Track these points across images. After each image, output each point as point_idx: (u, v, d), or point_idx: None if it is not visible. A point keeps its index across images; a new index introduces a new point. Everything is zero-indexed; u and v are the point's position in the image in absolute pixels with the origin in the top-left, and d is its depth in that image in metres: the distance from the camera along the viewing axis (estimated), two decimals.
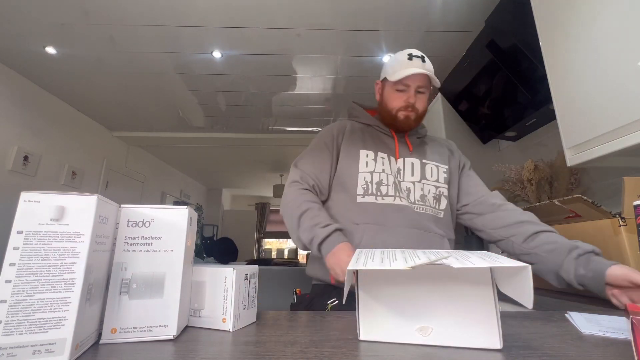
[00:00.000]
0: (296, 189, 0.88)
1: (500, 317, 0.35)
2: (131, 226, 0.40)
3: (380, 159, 0.91)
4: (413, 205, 0.87)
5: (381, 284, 0.39)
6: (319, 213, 0.80)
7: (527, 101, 1.41)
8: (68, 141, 2.80)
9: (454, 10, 1.73)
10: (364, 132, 0.98)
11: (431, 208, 0.89)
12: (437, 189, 0.92)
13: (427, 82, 0.91)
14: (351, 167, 0.90)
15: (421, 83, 0.91)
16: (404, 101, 0.92)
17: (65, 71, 2.29)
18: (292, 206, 0.84)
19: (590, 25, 0.94)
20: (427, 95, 0.94)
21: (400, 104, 0.92)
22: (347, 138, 0.96)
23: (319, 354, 0.33)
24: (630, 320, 0.30)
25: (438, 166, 0.95)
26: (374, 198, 0.86)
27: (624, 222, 0.77)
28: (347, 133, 0.98)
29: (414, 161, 0.93)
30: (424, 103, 0.94)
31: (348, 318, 0.50)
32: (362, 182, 0.88)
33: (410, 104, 0.91)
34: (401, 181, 0.90)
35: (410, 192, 0.89)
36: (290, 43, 2.00)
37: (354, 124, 1.01)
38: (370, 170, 0.89)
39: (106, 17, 1.76)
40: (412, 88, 0.91)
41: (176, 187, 4.97)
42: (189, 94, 2.64)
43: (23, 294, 0.31)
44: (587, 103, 0.94)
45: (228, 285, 0.43)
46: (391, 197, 0.86)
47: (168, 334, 0.38)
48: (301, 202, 0.83)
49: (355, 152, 0.92)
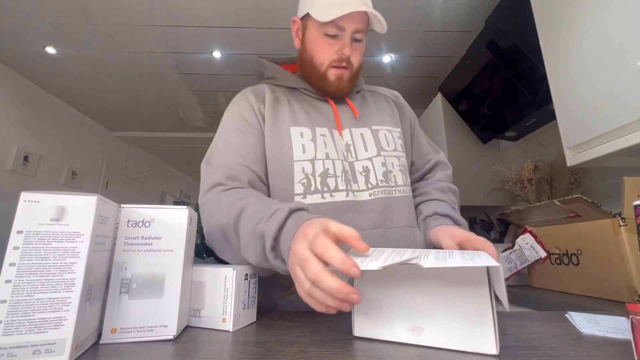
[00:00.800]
0: (219, 192, 0.57)
1: (500, 318, 0.34)
2: (131, 226, 0.40)
3: (321, 138, 0.66)
4: (375, 189, 0.65)
5: (376, 280, 0.39)
6: (257, 206, 0.50)
7: (527, 101, 1.41)
8: (68, 141, 2.80)
9: (454, 10, 1.73)
10: (290, 101, 0.71)
11: (401, 187, 0.68)
12: (399, 159, 0.70)
13: (365, 25, 0.67)
14: (281, 152, 0.64)
15: (360, 25, 0.65)
16: (337, 52, 0.66)
17: (65, 71, 2.29)
18: (218, 218, 0.54)
19: (590, 25, 0.94)
20: (364, 44, 0.70)
21: (332, 56, 0.67)
22: (270, 110, 0.68)
23: (319, 354, 0.33)
24: (630, 320, 0.30)
25: (391, 130, 0.73)
26: (319, 196, 0.62)
27: (624, 222, 0.77)
28: (268, 102, 0.69)
29: (364, 131, 0.70)
30: (360, 56, 0.70)
31: (348, 319, 0.49)
32: (300, 176, 0.63)
33: (345, 57, 0.66)
34: (354, 161, 0.67)
35: (370, 173, 0.66)
36: (290, 43, 1.99)
37: (275, 90, 0.73)
38: (310, 157, 0.64)
39: (106, 17, 1.76)
40: (348, 33, 0.65)
41: (176, 187, 4.96)
42: (189, 94, 2.64)
43: (23, 294, 0.31)
44: (587, 103, 0.94)
45: (228, 285, 0.43)
46: (342, 192, 0.63)
47: (168, 334, 0.38)
48: (230, 204, 0.53)
49: (285, 131, 0.66)
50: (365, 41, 0.71)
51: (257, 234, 0.46)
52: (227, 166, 0.61)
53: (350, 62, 0.68)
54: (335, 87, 0.69)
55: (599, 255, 0.82)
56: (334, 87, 0.69)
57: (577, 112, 0.99)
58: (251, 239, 0.47)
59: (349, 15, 0.63)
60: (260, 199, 0.53)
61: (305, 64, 0.72)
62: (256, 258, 0.47)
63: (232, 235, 0.52)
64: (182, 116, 3.01)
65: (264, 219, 0.46)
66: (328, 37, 0.66)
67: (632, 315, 0.30)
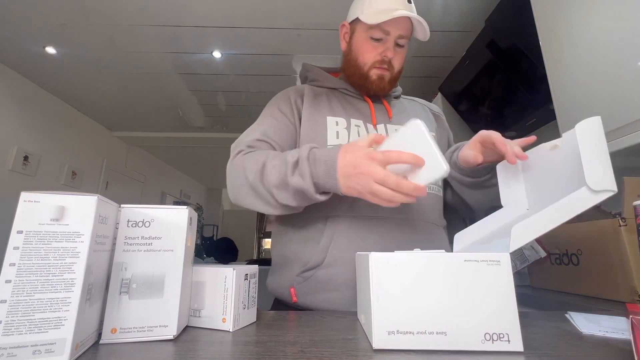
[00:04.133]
0: (245, 153, 0.64)
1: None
2: (131, 226, 0.40)
3: (355, 128, 0.71)
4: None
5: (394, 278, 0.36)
6: (281, 154, 0.59)
7: (527, 101, 1.41)
8: (68, 141, 2.80)
9: (454, 10, 1.73)
10: (329, 97, 0.76)
11: (432, 184, 0.70)
12: None
13: (409, 31, 0.72)
14: (317, 138, 0.69)
15: (404, 32, 0.70)
16: (380, 54, 0.71)
17: (65, 71, 2.29)
18: (244, 171, 0.60)
19: (590, 25, 0.94)
20: (405, 50, 0.75)
21: (375, 57, 0.71)
22: (309, 102, 0.74)
23: (318, 354, 0.33)
24: (630, 320, 0.30)
25: None
26: None
27: (624, 222, 0.77)
28: (308, 97, 0.75)
29: (398, 127, 0.73)
30: (402, 60, 0.75)
31: (348, 318, 0.50)
32: None
33: (387, 60, 0.71)
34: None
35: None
36: (290, 43, 2.00)
37: (315, 89, 0.78)
38: (343, 142, 0.68)
39: (106, 17, 1.76)
40: (392, 38, 0.70)
41: (176, 187, 4.96)
42: (189, 94, 2.64)
43: (23, 294, 0.30)
44: (587, 103, 0.94)
45: (228, 285, 0.43)
46: None
47: (168, 334, 0.38)
48: (256, 158, 0.60)
49: (322, 120, 0.71)
50: (407, 48, 0.76)
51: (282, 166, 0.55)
52: (250, 141, 0.66)
53: (392, 65, 0.73)
54: (376, 85, 0.73)
55: (599, 255, 0.82)
56: (375, 85, 0.73)
57: (577, 112, 0.99)
58: (277, 172, 0.56)
59: (395, 21, 0.68)
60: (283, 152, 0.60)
61: (349, 64, 0.76)
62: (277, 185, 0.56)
63: (255, 182, 0.58)
64: (182, 116, 3.01)
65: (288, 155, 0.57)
66: (373, 40, 0.71)
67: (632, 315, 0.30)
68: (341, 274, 0.61)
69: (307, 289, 0.63)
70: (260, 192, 0.59)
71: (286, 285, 0.65)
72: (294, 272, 0.65)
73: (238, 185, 0.62)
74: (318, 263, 0.62)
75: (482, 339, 0.34)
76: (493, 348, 0.33)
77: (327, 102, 0.75)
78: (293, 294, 0.63)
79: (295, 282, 0.64)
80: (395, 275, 0.36)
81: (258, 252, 6.77)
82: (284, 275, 0.67)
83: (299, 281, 0.64)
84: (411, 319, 0.35)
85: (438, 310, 0.35)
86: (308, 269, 0.63)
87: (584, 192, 0.41)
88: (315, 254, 0.63)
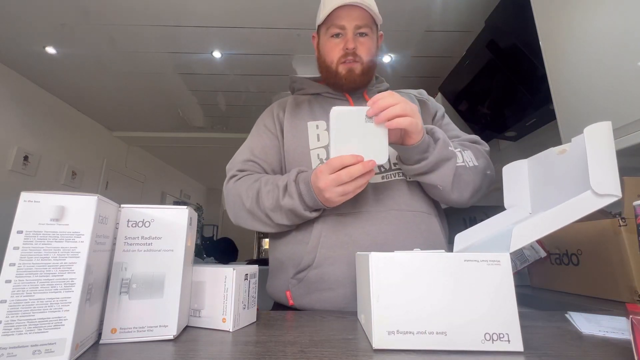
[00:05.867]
0: (238, 178, 0.70)
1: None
2: (131, 226, 0.40)
3: None
4: (388, 173, 0.69)
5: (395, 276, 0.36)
6: (272, 178, 0.66)
7: (527, 101, 1.41)
8: (68, 141, 2.80)
9: (454, 10, 1.73)
10: (311, 103, 0.79)
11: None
12: None
13: (368, 21, 0.73)
14: (299, 145, 0.72)
15: (360, 22, 0.71)
16: (342, 48, 0.72)
17: (65, 71, 2.29)
18: (241, 198, 0.66)
19: (590, 25, 0.94)
20: (372, 38, 0.75)
21: (339, 53, 0.73)
22: (290, 112, 0.77)
23: (318, 354, 0.33)
24: (630, 320, 0.30)
25: None
26: None
27: (624, 222, 0.77)
28: (290, 107, 0.79)
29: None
30: (368, 48, 0.74)
31: (348, 318, 0.49)
32: (317, 162, 0.70)
33: (350, 51, 0.72)
34: None
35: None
36: (290, 43, 2.00)
37: (299, 97, 0.82)
38: (324, 144, 0.71)
39: (106, 17, 1.76)
40: (349, 30, 0.72)
41: (176, 187, 4.96)
42: (189, 94, 2.64)
43: (23, 294, 0.30)
44: (587, 103, 0.94)
45: (228, 285, 0.43)
46: None
47: (168, 334, 0.38)
48: (249, 185, 0.67)
49: (302, 126, 0.74)
50: (375, 36, 0.77)
51: (275, 190, 0.62)
52: (240, 163, 0.74)
53: (358, 55, 0.73)
54: (347, 79, 0.74)
55: (599, 255, 0.82)
56: (346, 79, 0.74)
57: (577, 112, 0.99)
58: (270, 195, 0.63)
59: (347, 14, 0.71)
60: (274, 176, 0.67)
61: (322, 68, 0.79)
62: (274, 207, 0.63)
63: (253, 207, 0.65)
64: (182, 116, 3.02)
65: (279, 180, 0.64)
66: (334, 38, 0.74)
67: (632, 315, 0.30)
68: (332, 273, 0.62)
69: (302, 290, 0.64)
70: (258, 216, 0.65)
71: (282, 289, 0.67)
72: (288, 275, 0.67)
73: (237, 211, 0.68)
74: (309, 264, 0.64)
75: (482, 339, 0.34)
76: (493, 348, 0.33)
77: (308, 108, 0.78)
78: (289, 297, 0.65)
79: (290, 285, 0.66)
80: (395, 275, 0.36)
81: (258, 252, 6.78)
82: (280, 279, 0.68)
83: (293, 284, 0.65)
84: (411, 318, 0.35)
85: (438, 310, 0.35)
86: (300, 270, 0.65)
87: (588, 195, 0.41)
88: (306, 254, 0.65)
